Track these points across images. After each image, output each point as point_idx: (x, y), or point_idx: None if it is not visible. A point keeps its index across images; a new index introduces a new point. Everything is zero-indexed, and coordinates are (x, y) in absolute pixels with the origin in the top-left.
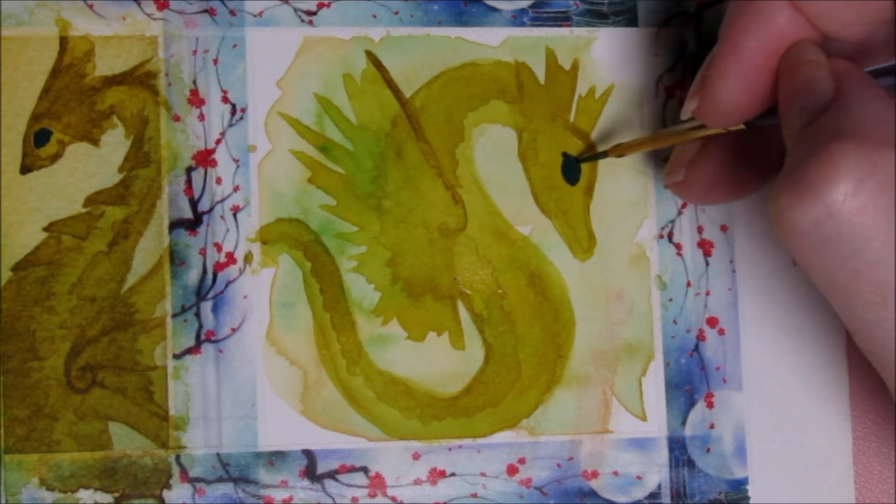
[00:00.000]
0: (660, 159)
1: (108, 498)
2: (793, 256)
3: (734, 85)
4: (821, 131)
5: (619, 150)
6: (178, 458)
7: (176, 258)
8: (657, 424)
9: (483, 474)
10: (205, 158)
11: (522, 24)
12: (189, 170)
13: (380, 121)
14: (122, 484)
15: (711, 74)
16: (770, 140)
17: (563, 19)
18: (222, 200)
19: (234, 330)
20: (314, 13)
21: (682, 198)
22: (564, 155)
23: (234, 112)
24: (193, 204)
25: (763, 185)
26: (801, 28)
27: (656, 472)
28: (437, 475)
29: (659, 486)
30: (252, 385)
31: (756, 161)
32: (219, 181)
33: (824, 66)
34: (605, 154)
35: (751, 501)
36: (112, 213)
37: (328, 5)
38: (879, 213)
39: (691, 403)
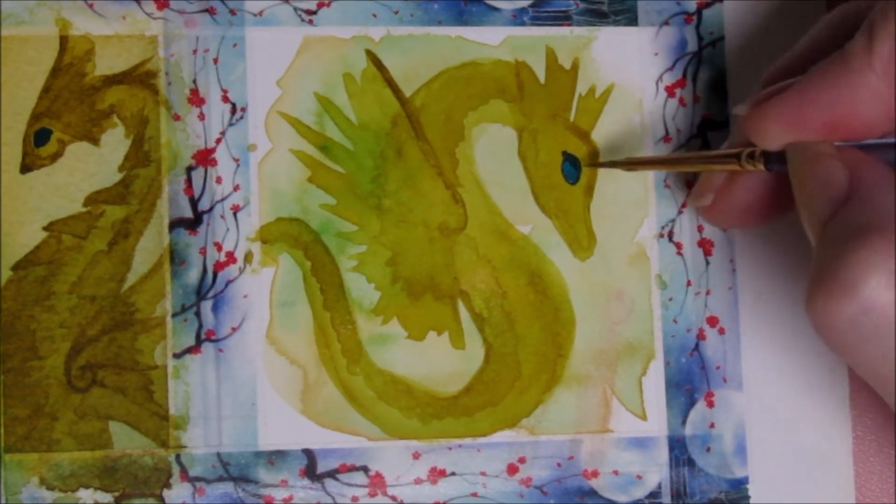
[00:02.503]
0: None
1: (108, 497)
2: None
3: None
4: (845, 227)
5: (631, 166)
6: (178, 457)
7: (176, 257)
8: (657, 424)
9: (483, 473)
10: (205, 158)
11: (522, 24)
12: (189, 169)
13: (380, 120)
14: (122, 483)
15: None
16: None
17: (563, 18)
18: (222, 200)
19: (234, 329)
20: (314, 12)
21: (708, 221)
22: (565, 154)
23: (234, 111)
24: (193, 203)
25: (792, 210)
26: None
27: (656, 472)
28: (437, 474)
29: (659, 486)
30: (252, 384)
31: (787, 189)
32: (219, 180)
33: (836, 157)
34: (615, 164)
35: (751, 501)
36: (112, 212)
37: (328, 4)
38: None
39: (691, 403)
